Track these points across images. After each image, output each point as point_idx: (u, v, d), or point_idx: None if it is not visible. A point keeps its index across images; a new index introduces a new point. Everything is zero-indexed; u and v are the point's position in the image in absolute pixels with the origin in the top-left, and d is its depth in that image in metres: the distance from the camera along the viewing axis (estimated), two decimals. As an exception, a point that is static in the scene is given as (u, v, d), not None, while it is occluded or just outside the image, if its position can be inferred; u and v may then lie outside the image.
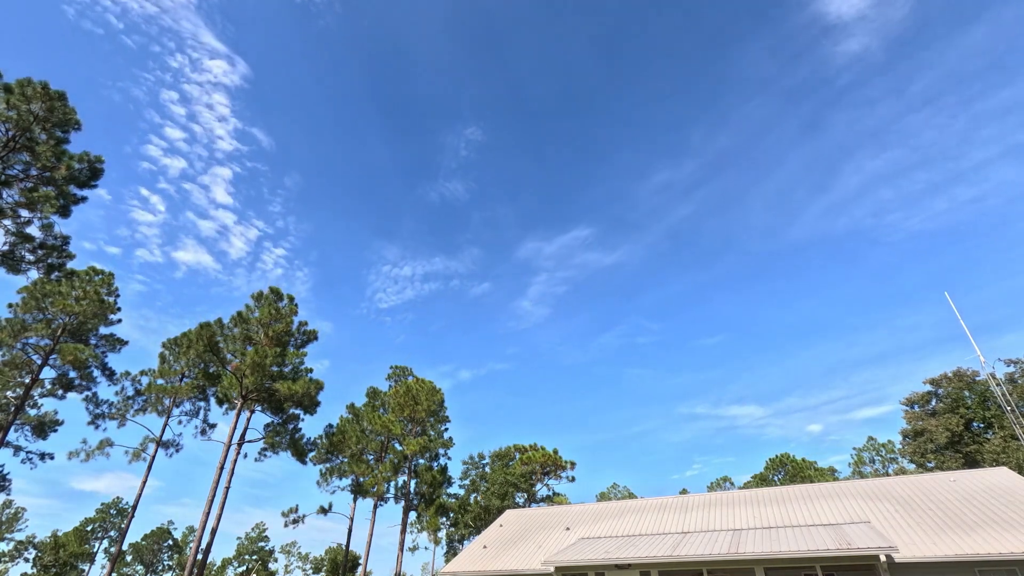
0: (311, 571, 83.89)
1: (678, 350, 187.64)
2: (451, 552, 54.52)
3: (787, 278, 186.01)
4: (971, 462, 40.65)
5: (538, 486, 51.77)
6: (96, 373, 35.67)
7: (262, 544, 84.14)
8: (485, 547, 24.06)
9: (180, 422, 39.96)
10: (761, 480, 57.18)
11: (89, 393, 35.77)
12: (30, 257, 21.36)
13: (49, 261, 21.83)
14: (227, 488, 31.99)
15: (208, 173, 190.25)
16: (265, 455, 37.00)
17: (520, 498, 50.04)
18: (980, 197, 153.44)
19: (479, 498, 51.96)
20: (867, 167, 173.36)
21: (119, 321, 36.55)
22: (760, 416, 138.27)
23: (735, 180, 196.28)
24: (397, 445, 44.93)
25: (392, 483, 44.37)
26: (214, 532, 31.06)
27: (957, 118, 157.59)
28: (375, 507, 42.82)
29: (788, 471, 54.67)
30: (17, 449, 32.64)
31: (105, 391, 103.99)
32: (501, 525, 27.21)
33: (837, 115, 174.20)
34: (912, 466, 47.56)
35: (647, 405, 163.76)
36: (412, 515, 50.08)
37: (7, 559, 74.07)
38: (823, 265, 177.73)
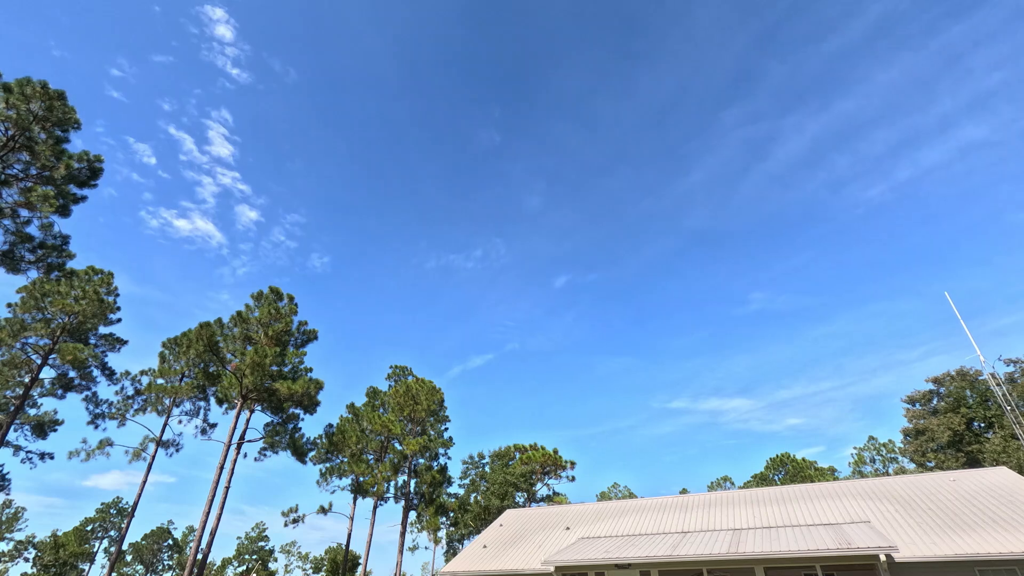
0: (311, 571, 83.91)
1: (650, 339, 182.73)
2: (451, 552, 54.53)
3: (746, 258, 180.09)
4: (972, 461, 40.63)
5: (538, 486, 51.76)
6: (96, 373, 35.68)
7: (262, 544, 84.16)
8: (485, 547, 24.05)
9: (180, 422, 39.96)
10: (761, 480, 57.22)
11: (89, 393, 35.76)
12: (30, 257, 21.34)
13: (49, 261, 21.81)
14: (227, 488, 31.98)
15: (205, 116, 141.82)
16: (265, 455, 36.98)
17: (520, 498, 50.02)
18: (946, 163, 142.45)
19: (479, 498, 51.95)
20: (810, 126, 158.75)
21: (119, 320, 36.55)
22: (748, 409, 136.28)
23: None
24: (397, 445, 44.92)
25: (392, 483, 44.42)
26: (214, 532, 31.05)
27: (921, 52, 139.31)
28: (375, 507, 42.83)
29: (788, 471, 54.71)
30: (17, 449, 32.64)
31: (105, 391, 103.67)
32: (501, 525, 27.20)
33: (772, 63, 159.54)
34: (912, 465, 47.54)
35: (621, 396, 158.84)
36: (412, 515, 50.13)
37: (7, 559, 74.10)
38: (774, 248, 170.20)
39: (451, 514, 51.61)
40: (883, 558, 13.69)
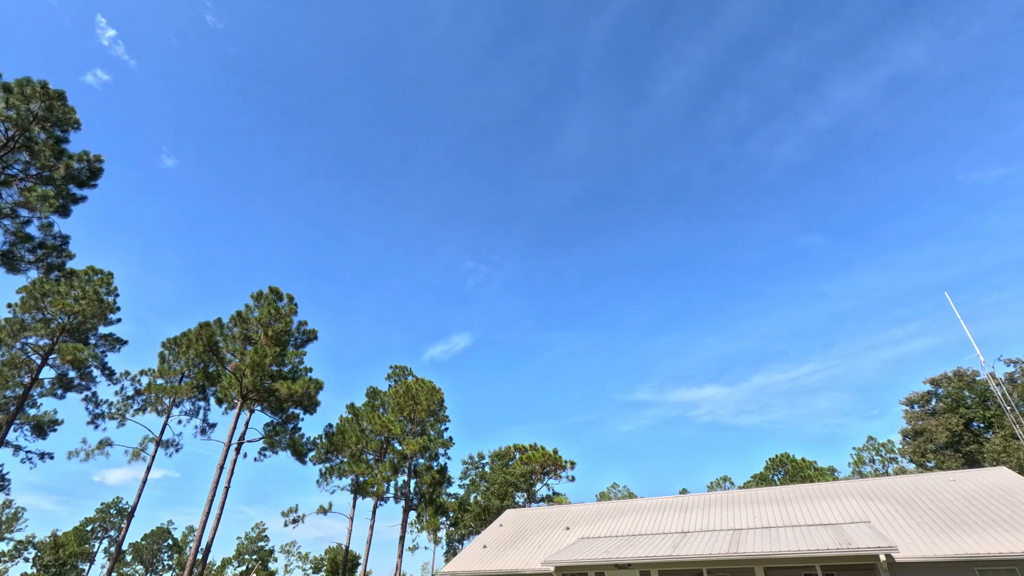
0: (311, 571, 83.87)
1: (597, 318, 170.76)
2: (451, 552, 54.54)
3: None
4: (971, 462, 40.64)
5: (538, 486, 51.76)
6: (96, 373, 35.67)
7: (262, 544, 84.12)
8: (485, 547, 24.05)
9: (180, 422, 39.94)
10: (761, 480, 57.23)
11: (89, 393, 35.75)
12: (30, 257, 21.33)
13: (48, 261, 21.81)
14: (227, 488, 31.96)
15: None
16: (265, 455, 36.97)
17: (520, 498, 50.01)
18: (882, 103, 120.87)
19: (479, 498, 51.93)
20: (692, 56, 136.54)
21: (119, 320, 36.51)
22: (723, 399, 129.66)
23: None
24: (397, 445, 44.90)
25: (392, 483, 44.40)
26: (214, 532, 31.04)
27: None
28: (375, 507, 42.83)
29: (788, 471, 54.72)
30: (17, 449, 32.63)
31: (105, 391, 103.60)
32: (501, 525, 27.19)
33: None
34: (912, 466, 47.58)
35: (579, 386, 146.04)
36: (412, 515, 50.11)
37: (7, 559, 74.07)
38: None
39: (451, 514, 51.60)
40: (883, 558, 13.70)
